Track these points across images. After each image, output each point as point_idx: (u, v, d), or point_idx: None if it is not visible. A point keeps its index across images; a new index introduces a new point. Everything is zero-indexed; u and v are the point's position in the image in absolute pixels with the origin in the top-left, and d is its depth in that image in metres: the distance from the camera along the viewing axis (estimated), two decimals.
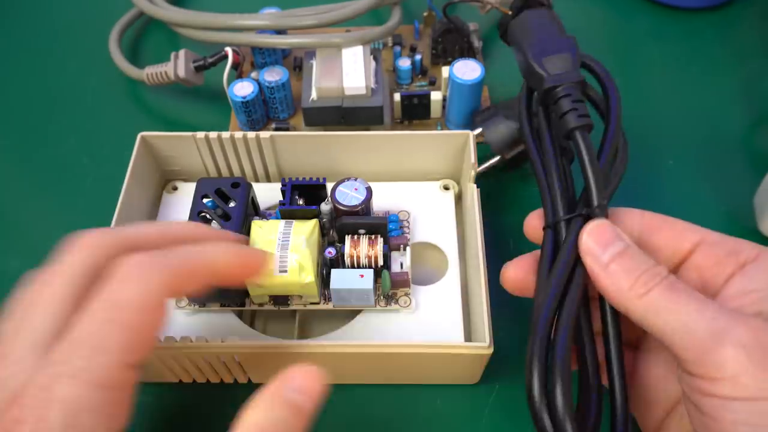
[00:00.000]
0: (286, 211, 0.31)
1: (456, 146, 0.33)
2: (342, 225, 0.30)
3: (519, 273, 0.27)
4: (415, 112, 0.39)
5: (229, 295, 0.30)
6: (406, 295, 0.31)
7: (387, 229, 0.30)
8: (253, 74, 0.41)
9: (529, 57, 0.30)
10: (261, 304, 0.31)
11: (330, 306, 0.30)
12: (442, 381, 0.30)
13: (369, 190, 0.31)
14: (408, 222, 0.33)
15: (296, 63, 0.43)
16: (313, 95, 0.38)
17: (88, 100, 0.43)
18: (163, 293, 0.21)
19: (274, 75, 0.39)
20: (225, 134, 0.33)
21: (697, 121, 0.40)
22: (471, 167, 0.32)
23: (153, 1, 0.43)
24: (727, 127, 0.40)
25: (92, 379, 0.20)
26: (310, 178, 0.31)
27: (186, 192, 0.35)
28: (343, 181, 0.31)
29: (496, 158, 0.36)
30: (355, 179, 0.31)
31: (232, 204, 0.31)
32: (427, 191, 0.35)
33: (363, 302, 0.30)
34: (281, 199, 0.31)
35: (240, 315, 0.31)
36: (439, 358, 0.28)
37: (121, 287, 0.21)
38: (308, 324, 0.32)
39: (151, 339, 0.21)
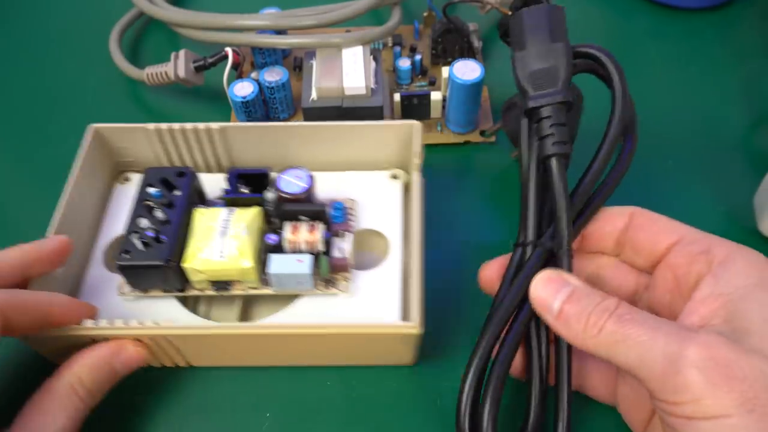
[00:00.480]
0: (230, 199, 0.31)
1: (403, 136, 0.34)
2: (284, 212, 0.31)
3: (492, 275, 0.29)
4: (415, 112, 0.39)
5: (170, 281, 0.30)
6: (346, 279, 0.31)
7: (328, 216, 0.31)
8: (253, 74, 0.41)
9: (516, 69, 0.29)
10: (202, 290, 0.31)
11: (270, 291, 0.31)
12: (380, 362, 0.31)
13: (311, 179, 0.32)
14: (353, 210, 0.34)
15: (296, 63, 0.43)
16: (313, 95, 0.38)
17: (88, 100, 0.43)
18: None
19: (274, 75, 0.39)
20: (176, 125, 0.34)
21: (697, 121, 0.40)
22: (416, 156, 0.33)
23: (153, 1, 0.43)
24: (727, 127, 0.40)
25: None
26: (254, 167, 0.32)
27: (137, 183, 0.35)
28: (287, 170, 0.32)
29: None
30: (299, 168, 0.32)
31: (177, 193, 0.31)
32: (375, 180, 0.35)
33: (302, 286, 0.30)
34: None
35: (184, 301, 0.32)
36: (370, 339, 0.28)
37: None
38: (251, 309, 0.33)
39: None
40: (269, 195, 0.31)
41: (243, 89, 0.38)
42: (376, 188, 0.35)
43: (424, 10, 0.45)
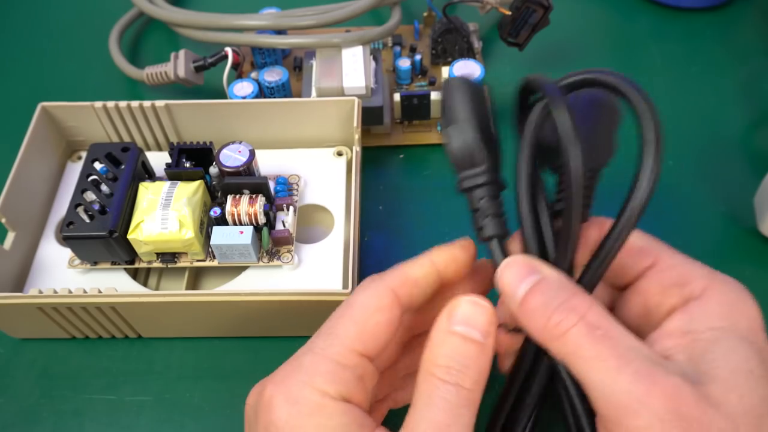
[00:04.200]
0: (173, 173, 0.32)
1: (347, 113, 0.35)
2: (225, 185, 0.31)
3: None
4: (415, 112, 0.39)
5: (117, 253, 0.31)
6: (289, 252, 0.32)
7: (269, 188, 0.32)
8: (253, 74, 0.41)
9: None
10: (150, 262, 0.32)
11: (216, 263, 0.32)
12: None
13: (252, 153, 0.32)
14: (297, 185, 0.35)
15: (296, 63, 0.43)
16: (313, 95, 0.38)
17: (87, 100, 0.43)
18: None
19: (274, 75, 0.39)
20: (122, 103, 0.35)
21: (697, 121, 0.40)
22: (355, 131, 0.34)
23: (153, 1, 0.43)
24: (727, 127, 0.40)
25: None
26: (198, 142, 0.33)
27: None
28: (228, 144, 0.32)
29: None
30: (240, 143, 0.32)
31: (122, 168, 0.32)
32: (321, 157, 0.36)
33: (245, 258, 0.31)
34: (168, 161, 0.33)
35: (135, 274, 0.33)
36: (310, 307, 0.29)
37: None
38: (199, 282, 0.34)
39: None
40: (214, 170, 0.32)
41: (243, 89, 0.38)
42: (321, 165, 0.36)
43: (424, 10, 0.45)
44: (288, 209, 0.33)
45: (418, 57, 0.42)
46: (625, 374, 0.20)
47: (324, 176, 0.35)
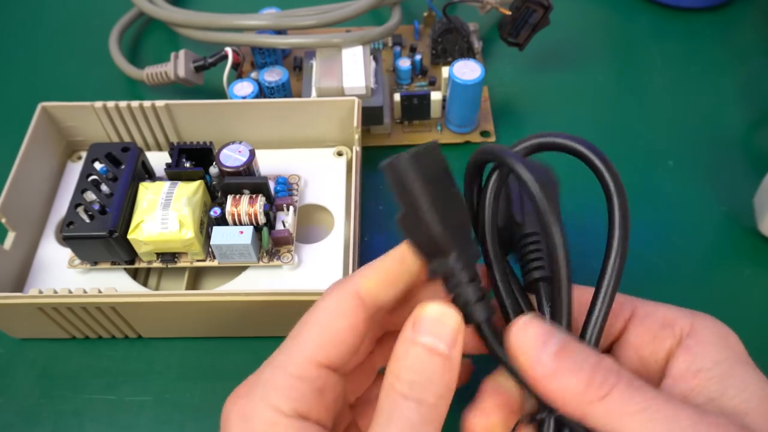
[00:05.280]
0: (173, 173, 0.32)
1: (347, 113, 0.35)
2: (225, 185, 0.31)
3: (488, 420, 0.23)
4: (415, 112, 0.39)
5: (117, 253, 0.31)
6: (289, 252, 0.32)
7: (269, 189, 0.32)
8: (253, 74, 0.41)
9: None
10: (150, 262, 0.32)
11: (216, 263, 0.32)
12: None
13: (252, 153, 0.32)
14: (297, 185, 0.35)
15: (296, 63, 0.43)
16: (313, 95, 0.38)
17: (87, 100, 0.43)
18: None
19: (274, 75, 0.39)
20: (122, 103, 0.35)
21: (697, 121, 0.40)
22: (355, 131, 0.34)
23: (153, 1, 0.43)
24: (727, 127, 0.40)
25: None
26: (198, 142, 0.33)
27: None
28: (228, 144, 0.32)
29: None
30: (240, 143, 0.33)
31: (122, 168, 0.32)
32: (321, 157, 0.36)
33: (246, 258, 0.31)
34: (168, 161, 0.33)
35: (135, 274, 0.33)
36: (306, 306, 0.29)
37: None
38: (199, 282, 0.34)
39: None
40: (214, 170, 0.32)
41: (243, 89, 0.38)
42: (321, 165, 0.36)
43: (424, 10, 0.45)
44: (288, 209, 0.33)
45: (418, 57, 0.42)
46: (681, 420, 0.19)
47: (324, 176, 0.35)
